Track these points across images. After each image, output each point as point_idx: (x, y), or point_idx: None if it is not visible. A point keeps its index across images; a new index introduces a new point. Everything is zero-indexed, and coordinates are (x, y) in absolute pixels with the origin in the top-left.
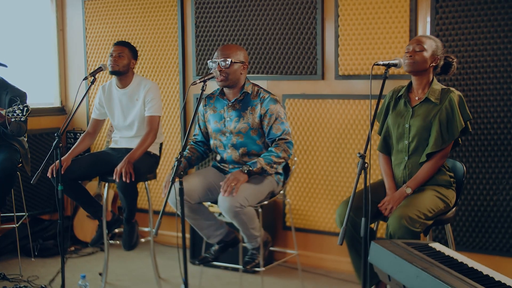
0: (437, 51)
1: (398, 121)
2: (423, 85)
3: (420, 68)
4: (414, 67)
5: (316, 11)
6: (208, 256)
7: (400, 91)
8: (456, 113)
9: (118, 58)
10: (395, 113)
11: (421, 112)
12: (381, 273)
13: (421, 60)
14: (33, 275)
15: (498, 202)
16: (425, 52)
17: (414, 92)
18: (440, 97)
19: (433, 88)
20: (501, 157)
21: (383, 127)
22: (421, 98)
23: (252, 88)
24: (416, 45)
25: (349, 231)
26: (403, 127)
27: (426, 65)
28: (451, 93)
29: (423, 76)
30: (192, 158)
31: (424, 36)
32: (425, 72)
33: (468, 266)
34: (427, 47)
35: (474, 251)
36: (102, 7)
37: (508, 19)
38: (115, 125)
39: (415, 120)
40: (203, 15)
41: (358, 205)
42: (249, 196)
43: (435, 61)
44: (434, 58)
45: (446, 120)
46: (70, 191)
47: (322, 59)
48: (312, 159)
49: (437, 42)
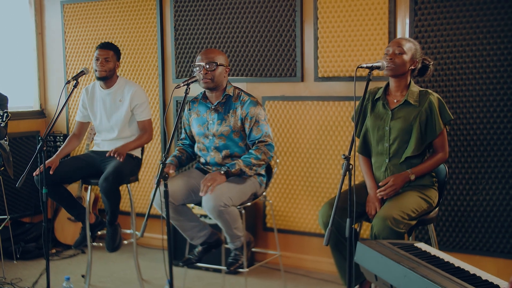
0: (416, 54)
1: (378, 123)
2: (401, 88)
3: (400, 72)
4: (394, 71)
5: (295, 14)
6: (192, 258)
7: (377, 93)
8: (436, 115)
9: (105, 63)
10: (374, 116)
11: (402, 114)
12: (368, 273)
13: (401, 63)
14: (16, 277)
15: (478, 202)
16: (405, 55)
17: (392, 95)
18: (419, 99)
19: (412, 91)
20: (480, 158)
21: (362, 129)
22: (399, 101)
23: (233, 90)
24: (396, 48)
25: (332, 232)
26: (383, 129)
27: (405, 68)
28: (430, 95)
29: (402, 79)
30: (182, 158)
31: (403, 39)
32: (404, 75)
33: (455, 266)
34: (407, 50)
35: (456, 251)
36: (81, 11)
37: (486, 20)
38: (97, 126)
39: (396, 123)
40: (182, 18)
41: (341, 206)
42: (233, 196)
43: (413, 64)
44: (413, 61)
45: (425, 123)
46: (54, 194)
47: (301, 61)
48: (293, 160)
49: (416, 45)
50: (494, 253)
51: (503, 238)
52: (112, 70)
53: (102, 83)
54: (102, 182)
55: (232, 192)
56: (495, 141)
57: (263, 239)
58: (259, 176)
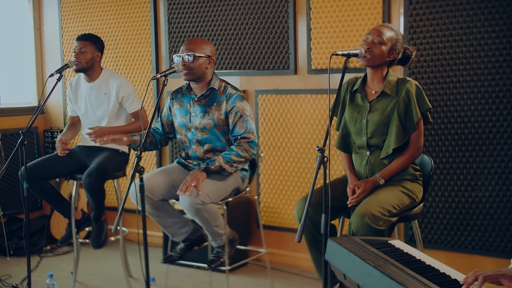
0: (396, 45)
1: (355, 116)
2: (378, 79)
3: (376, 63)
4: (370, 61)
5: (288, 4)
6: (174, 255)
7: (355, 84)
8: (413, 104)
9: (80, 54)
10: (352, 108)
11: (379, 106)
12: (337, 271)
13: (378, 54)
14: (6, 274)
15: (477, 199)
16: (384, 46)
17: (369, 86)
18: (396, 89)
19: (389, 80)
20: (472, 152)
21: (341, 122)
22: (377, 92)
23: (219, 84)
24: (376, 37)
25: (308, 228)
26: (361, 122)
27: (383, 60)
28: (407, 83)
29: (378, 70)
30: (147, 140)
31: (385, 27)
32: (381, 66)
33: (425, 264)
34: (387, 40)
35: (443, 249)
36: (77, 5)
37: (484, 7)
38: (83, 119)
39: (373, 115)
40: (176, 11)
41: (319, 201)
42: (211, 193)
43: (392, 55)
44: (392, 52)
45: (405, 112)
46: (38, 190)
47: (294, 54)
48: (286, 155)
49: (398, 34)
50: (487, 251)
51: (497, 236)
52: (89, 62)
53: (85, 76)
54: (85, 178)
55: (210, 188)
56: (490, 135)
57: (257, 237)
58: (242, 170)
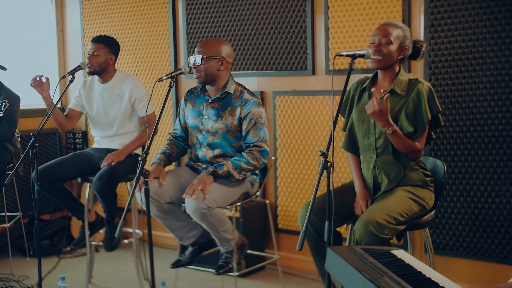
0: (404, 42)
1: (363, 116)
2: (390, 78)
3: (387, 64)
4: (381, 63)
5: (305, 4)
6: (182, 260)
7: (365, 82)
8: (423, 105)
9: (93, 57)
10: (359, 108)
11: None
12: (336, 282)
13: (387, 54)
14: (23, 275)
15: (494, 205)
16: (392, 46)
17: (379, 85)
18: (407, 88)
19: (399, 80)
20: (488, 156)
21: (348, 123)
22: (386, 90)
23: (235, 88)
24: (383, 37)
25: (311, 235)
26: (368, 122)
27: (392, 60)
28: (419, 84)
29: (389, 70)
30: (172, 154)
31: (391, 25)
32: (391, 66)
33: (425, 277)
34: (394, 39)
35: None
36: (98, 6)
37: (509, 4)
38: (94, 120)
39: None
40: (194, 12)
41: (323, 208)
42: (217, 197)
43: (402, 53)
44: (402, 50)
45: (413, 114)
46: (52, 192)
47: (312, 54)
48: (304, 158)
49: (405, 31)
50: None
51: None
52: (102, 64)
53: (99, 78)
54: (96, 180)
55: (217, 193)
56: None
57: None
58: (252, 174)
